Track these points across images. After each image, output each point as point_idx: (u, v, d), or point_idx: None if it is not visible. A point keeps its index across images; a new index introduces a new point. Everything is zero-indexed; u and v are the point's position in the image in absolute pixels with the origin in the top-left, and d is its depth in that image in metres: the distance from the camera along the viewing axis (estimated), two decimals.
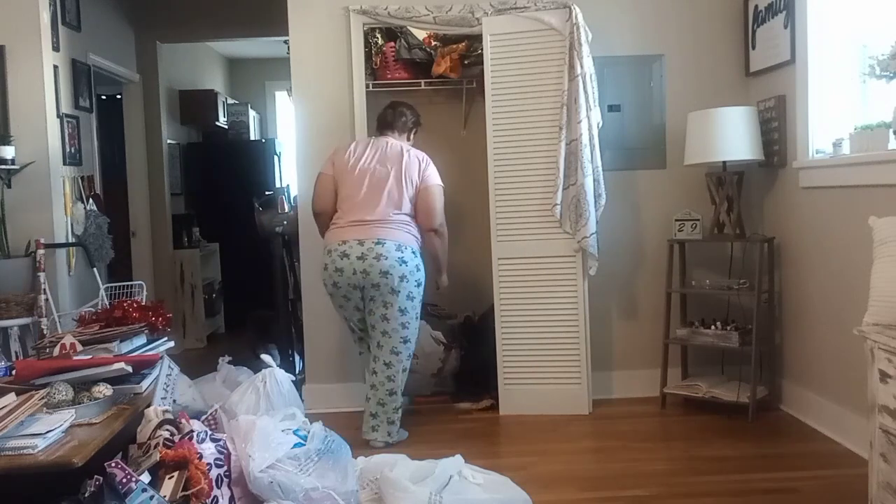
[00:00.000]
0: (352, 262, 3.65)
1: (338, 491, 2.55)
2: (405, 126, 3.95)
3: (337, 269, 3.68)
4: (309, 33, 4.33)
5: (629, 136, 4.41)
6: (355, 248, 3.66)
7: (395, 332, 3.72)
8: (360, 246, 3.66)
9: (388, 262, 3.64)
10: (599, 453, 3.59)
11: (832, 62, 3.66)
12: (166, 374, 2.89)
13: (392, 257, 3.65)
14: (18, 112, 4.30)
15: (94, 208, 4.88)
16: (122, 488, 2.13)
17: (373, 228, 3.69)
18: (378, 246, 3.66)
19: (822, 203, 3.66)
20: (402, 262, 3.66)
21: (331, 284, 3.74)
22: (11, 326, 4.03)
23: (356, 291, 3.71)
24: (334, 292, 3.76)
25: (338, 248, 3.70)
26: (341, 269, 3.67)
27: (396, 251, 3.66)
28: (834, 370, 3.61)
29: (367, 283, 3.66)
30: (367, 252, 3.65)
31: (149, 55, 6.27)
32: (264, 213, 5.04)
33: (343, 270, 3.67)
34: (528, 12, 4.07)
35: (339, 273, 3.68)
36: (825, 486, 3.04)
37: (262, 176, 7.49)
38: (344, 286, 3.70)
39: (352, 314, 3.82)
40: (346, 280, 3.68)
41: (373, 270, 3.63)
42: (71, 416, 2.38)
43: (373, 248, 3.65)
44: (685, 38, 4.36)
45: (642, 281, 4.43)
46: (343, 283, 3.70)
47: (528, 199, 4.09)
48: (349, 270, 3.66)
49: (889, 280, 2.45)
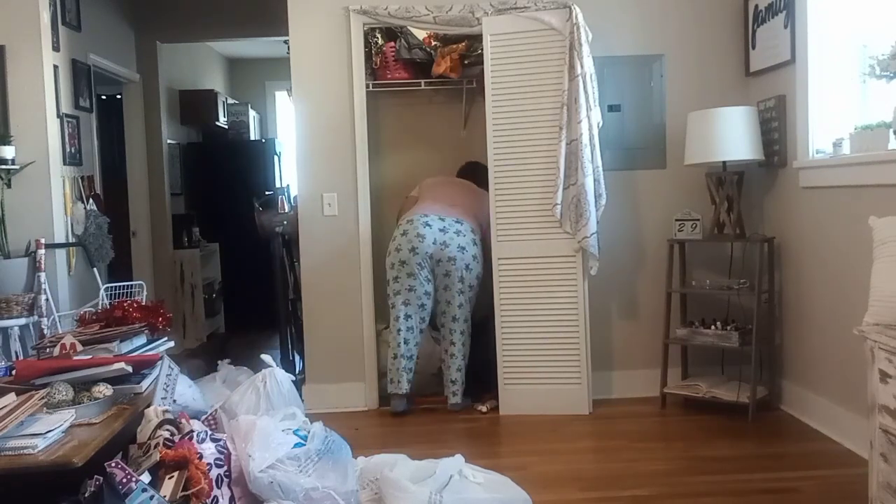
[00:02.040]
0: (433, 233, 4.02)
1: (338, 491, 2.55)
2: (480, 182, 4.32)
3: (419, 234, 4.02)
4: (309, 33, 4.33)
5: (629, 136, 4.41)
6: (434, 222, 4.05)
7: (462, 306, 4.11)
8: (442, 221, 4.06)
9: (467, 240, 4.07)
10: (599, 453, 3.59)
11: (832, 62, 3.66)
12: (166, 374, 2.89)
13: (468, 236, 4.09)
14: (18, 112, 4.30)
15: (94, 208, 4.88)
16: (122, 488, 2.13)
17: (453, 210, 4.13)
18: (458, 224, 4.09)
19: (822, 203, 3.66)
20: (473, 244, 4.11)
21: (408, 250, 4.01)
22: (11, 326, 4.03)
23: (429, 262, 4.04)
24: (408, 259, 4.02)
25: (420, 218, 4.06)
26: (423, 236, 4.01)
27: (472, 233, 4.12)
28: (834, 370, 3.61)
29: (444, 256, 4.03)
30: (448, 226, 4.06)
31: (149, 55, 6.27)
32: (264, 213, 5.04)
33: (424, 237, 4.01)
34: (528, 12, 4.07)
35: (421, 239, 4.01)
36: (825, 486, 3.04)
37: (262, 176, 7.50)
38: (422, 254, 4.01)
39: (421, 283, 4.07)
40: (424, 248, 4.00)
41: (450, 244, 4.02)
42: (71, 416, 2.38)
43: (453, 225, 4.07)
44: (685, 38, 4.36)
45: (642, 281, 4.43)
46: (422, 251, 4.00)
47: (528, 199, 4.09)
48: (429, 240, 4.01)
49: (889, 280, 2.45)
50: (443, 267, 4.06)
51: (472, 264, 4.07)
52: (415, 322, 4.15)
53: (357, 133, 4.32)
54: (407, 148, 4.66)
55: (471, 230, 4.11)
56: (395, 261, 4.08)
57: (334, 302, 4.38)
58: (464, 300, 4.11)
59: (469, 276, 4.09)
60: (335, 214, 4.36)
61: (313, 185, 4.37)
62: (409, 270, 4.06)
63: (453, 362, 4.16)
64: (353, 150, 4.34)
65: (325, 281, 4.38)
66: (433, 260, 4.05)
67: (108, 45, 5.53)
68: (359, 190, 4.35)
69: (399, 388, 4.14)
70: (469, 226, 4.12)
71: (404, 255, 4.03)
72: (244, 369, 4.19)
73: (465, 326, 4.15)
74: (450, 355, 4.16)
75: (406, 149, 4.66)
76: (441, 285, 4.11)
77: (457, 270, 4.05)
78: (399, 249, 4.05)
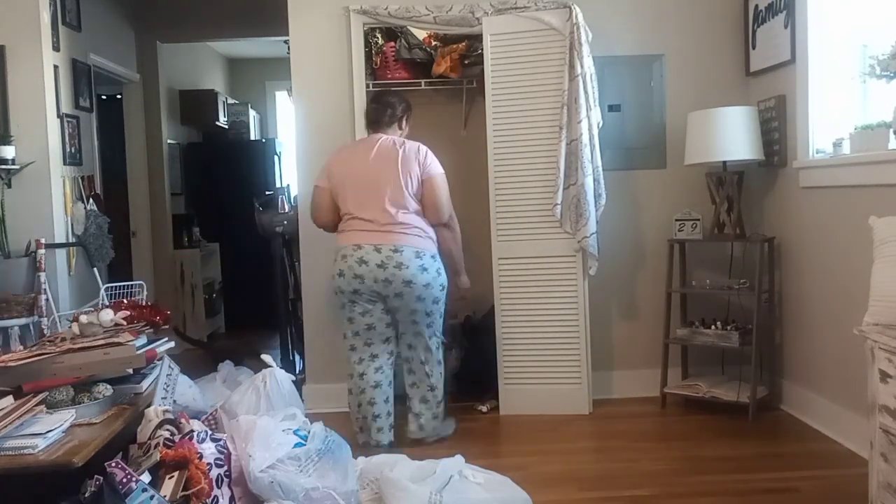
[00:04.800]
0: (371, 270, 3.49)
1: (338, 491, 2.55)
2: (392, 118, 3.71)
3: (356, 275, 3.51)
4: (309, 33, 4.33)
5: (629, 136, 4.41)
6: (373, 254, 3.50)
7: (425, 331, 3.66)
8: (378, 253, 3.50)
9: (410, 272, 3.50)
10: (599, 453, 3.59)
11: (832, 62, 3.66)
12: (166, 374, 2.89)
13: (413, 266, 3.51)
14: (18, 112, 4.30)
15: (94, 208, 4.88)
16: (123, 488, 2.13)
17: (387, 234, 3.53)
18: (396, 254, 3.50)
19: (822, 203, 3.66)
20: (423, 270, 3.53)
21: (350, 291, 3.54)
22: (11, 326, 4.03)
23: (379, 299, 3.56)
24: (355, 299, 3.56)
25: (353, 253, 3.53)
26: (361, 277, 3.50)
27: (416, 258, 3.53)
28: (834, 370, 3.61)
29: (391, 293, 3.52)
30: (386, 260, 3.50)
31: (149, 55, 6.27)
32: (264, 213, 5.04)
33: (363, 277, 3.50)
34: (528, 12, 4.07)
35: (360, 280, 3.51)
36: (825, 486, 3.04)
37: (262, 176, 7.50)
38: (367, 293, 3.53)
39: (377, 320, 3.60)
40: (368, 287, 3.51)
41: (395, 280, 3.49)
42: (71, 416, 2.38)
43: (392, 256, 3.50)
44: (685, 38, 4.36)
45: (642, 281, 4.43)
46: (365, 291, 3.53)
47: (528, 199, 4.09)
48: (370, 278, 3.50)
49: (889, 280, 2.45)
50: (391, 302, 3.56)
51: (423, 293, 3.54)
52: (383, 360, 3.68)
53: (357, 133, 4.31)
54: None
55: (414, 255, 3.51)
56: (345, 300, 3.59)
57: (334, 302, 4.36)
58: (418, 330, 3.65)
59: (424, 306, 3.59)
60: None
61: (313, 186, 4.36)
62: (354, 306, 3.59)
63: (415, 392, 3.74)
64: None
65: (325, 281, 4.36)
66: (381, 296, 3.55)
67: (108, 45, 5.53)
68: None
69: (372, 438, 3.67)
70: (411, 250, 3.52)
71: (348, 296, 3.57)
72: (244, 369, 4.20)
73: (426, 355, 3.69)
74: (408, 384, 3.75)
75: None
76: (391, 316, 3.63)
77: (407, 305, 3.56)
78: (343, 291, 3.58)
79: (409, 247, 3.53)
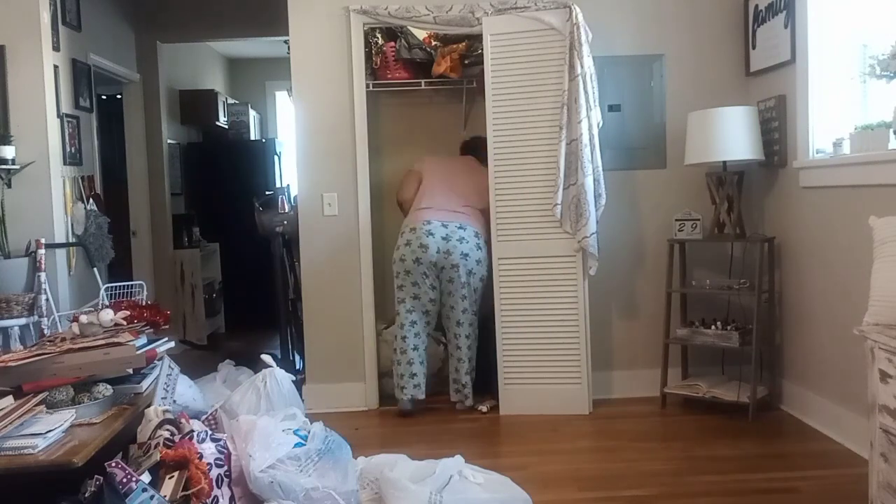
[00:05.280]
0: (436, 241, 4.05)
1: (338, 491, 2.55)
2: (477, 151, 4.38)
3: (422, 244, 4.06)
4: (309, 33, 4.33)
5: (629, 136, 4.41)
6: (437, 229, 4.07)
7: (468, 308, 4.13)
8: (442, 229, 4.07)
9: (468, 246, 4.08)
10: (599, 453, 3.59)
11: (832, 62, 3.66)
12: (166, 374, 2.89)
13: (472, 242, 4.10)
14: (18, 112, 4.30)
15: (94, 208, 4.88)
16: (123, 488, 2.14)
17: (455, 213, 4.14)
18: (460, 230, 4.09)
19: (823, 203, 3.66)
20: (478, 248, 4.12)
21: (412, 260, 4.07)
22: (11, 326, 4.03)
23: (434, 269, 4.08)
24: (413, 269, 4.08)
25: (423, 226, 4.09)
26: (426, 246, 4.05)
27: (475, 237, 4.13)
28: (834, 370, 3.61)
29: (448, 264, 4.07)
30: (449, 235, 4.07)
31: (149, 55, 6.27)
32: (264, 213, 5.04)
33: (427, 247, 4.05)
34: (528, 12, 4.07)
35: (424, 249, 4.05)
36: (825, 486, 3.04)
37: (262, 176, 7.50)
38: (426, 263, 4.06)
39: (426, 291, 4.13)
40: (428, 258, 4.05)
41: (454, 251, 4.05)
42: (71, 416, 2.38)
43: (456, 232, 4.08)
44: (685, 38, 4.36)
45: (642, 281, 4.43)
46: (426, 260, 4.06)
47: (528, 199, 4.09)
48: (433, 248, 4.04)
49: (889, 280, 2.45)
50: (446, 274, 4.09)
51: (475, 269, 4.10)
52: (420, 328, 4.19)
53: (357, 133, 4.32)
54: (407, 148, 4.65)
55: (474, 234, 4.12)
56: (401, 269, 4.12)
57: (334, 302, 4.38)
58: (467, 305, 4.13)
59: (473, 281, 4.12)
60: (335, 214, 4.37)
61: (313, 185, 4.37)
62: (413, 280, 4.11)
63: (461, 366, 4.18)
64: (353, 150, 4.34)
65: (325, 281, 4.38)
66: (437, 268, 4.09)
67: (108, 45, 5.53)
68: (359, 190, 4.35)
69: (404, 395, 4.16)
70: (472, 230, 4.13)
71: (409, 265, 4.09)
72: (244, 369, 4.20)
73: (470, 330, 4.18)
74: (457, 359, 4.18)
75: (406, 149, 4.65)
76: (445, 291, 4.14)
77: (460, 277, 4.08)
78: (403, 259, 4.10)
79: (472, 227, 4.17)
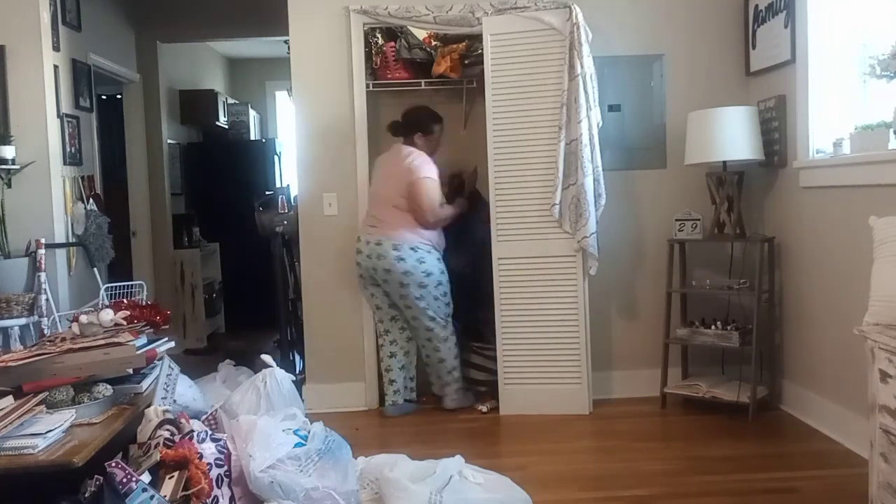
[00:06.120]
0: (363, 259, 4.07)
1: (338, 491, 2.55)
2: (410, 131, 4.19)
3: (357, 263, 4.12)
4: (309, 33, 4.32)
5: (629, 136, 4.41)
6: (364, 246, 4.08)
7: (421, 315, 4.07)
8: (367, 245, 4.06)
9: (387, 261, 3.99)
10: (599, 453, 3.59)
11: (832, 62, 3.66)
12: (166, 374, 2.89)
13: (389, 256, 3.98)
14: (18, 112, 4.30)
15: (94, 208, 4.88)
16: (123, 488, 2.13)
17: (375, 228, 4.07)
18: (377, 247, 4.02)
19: (822, 203, 3.66)
20: (399, 260, 3.98)
21: (359, 273, 4.14)
22: (12, 326, 4.03)
23: (375, 281, 4.09)
24: (363, 281, 4.15)
25: (360, 238, 4.13)
26: (359, 264, 4.10)
27: (393, 250, 3.98)
28: (834, 370, 3.60)
29: (379, 279, 4.06)
30: (371, 252, 4.04)
31: (149, 55, 6.27)
32: (264, 213, 5.04)
33: (361, 265, 4.10)
34: (528, 12, 4.07)
35: (359, 265, 4.10)
36: (825, 486, 3.04)
37: (262, 176, 7.49)
38: (366, 276, 4.11)
39: (382, 300, 4.14)
40: (365, 269, 4.08)
41: (378, 268, 4.02)
42: (71, 416, 2.38)
43: (374, 249, 4.02)
44: (685, 38, 4.36)
45: (642, 281, 4.43)
46: (366, 274, 4.10)
47: (528, 199, 4.09)
48: (365, 265, 4.07)
49: (889, 280, 2.45)
50: (385, 286, 4.08)
51: (405, 280, 3.99)
52: (395, 334, 4.20)
53: (357, 133, 4.32)
54: None
55: (392, 247, 3.98)
56: (359, 281, 4.20)
57: (334, 302, 4.38)
58: (418, 313, 4.07)
59: (412, 290, 4.01)
60: (335, 214, 4.37)
61: (313, 185, 4.37)
62: (370, 292, 4.17)
63: (430, 370, 4.23)
64: (354, 150, 4.34)
65: (325, 281, 4.38)
66: (377, 280, 4.08)
67: (108, 45, 5.53)
68: (359, 190, 4.35)
69: (387, 401, 4.23)
70: (390, 242, 3.99)
71: (361, 277, 4.15)
72: (244, 369, 4.20)
73: (427, 334, 4.12)
74: (436, 360, 4.18)
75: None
76: (395, 301, 4.13)
77: (395, 290, 4.05)
78: (358, 272, 4.16)
79: (386, 239, 4.03)
